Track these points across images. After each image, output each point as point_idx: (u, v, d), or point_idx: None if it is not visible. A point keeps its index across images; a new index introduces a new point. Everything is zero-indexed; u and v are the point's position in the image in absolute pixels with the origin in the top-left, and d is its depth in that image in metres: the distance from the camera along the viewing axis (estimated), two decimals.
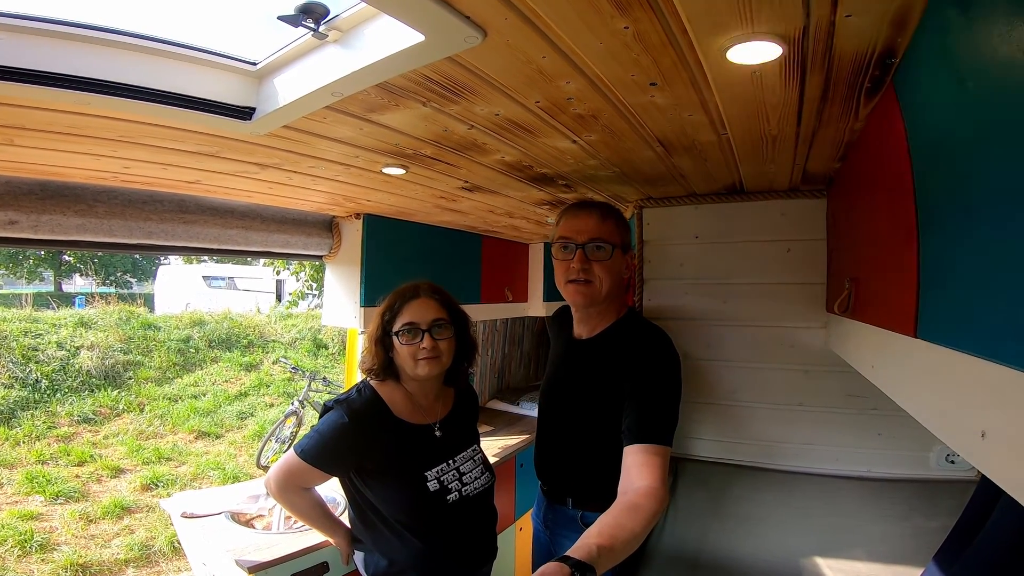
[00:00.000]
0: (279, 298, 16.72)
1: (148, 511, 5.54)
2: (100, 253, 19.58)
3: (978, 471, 1.66)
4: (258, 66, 1.18)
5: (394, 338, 1.54)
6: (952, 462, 1.70)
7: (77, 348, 8.64)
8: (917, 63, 0.82)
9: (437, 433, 1.61)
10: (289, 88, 1.13)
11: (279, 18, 0.96)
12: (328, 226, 2.48)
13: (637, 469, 1.35)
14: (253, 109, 1.20)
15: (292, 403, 6.60)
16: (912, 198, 0.84)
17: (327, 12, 0.97)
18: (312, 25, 0.97)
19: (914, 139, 0.86)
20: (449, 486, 1.54)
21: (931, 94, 0.79)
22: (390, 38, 0.90)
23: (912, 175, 0.85)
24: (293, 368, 7.52)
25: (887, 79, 0.95)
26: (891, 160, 0.97)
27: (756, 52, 0.85)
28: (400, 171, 1.65)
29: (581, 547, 1.06)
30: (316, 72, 1.05)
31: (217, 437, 7.86)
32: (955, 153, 0.71)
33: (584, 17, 0.79)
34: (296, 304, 9.11)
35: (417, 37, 0.85)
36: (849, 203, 1.48)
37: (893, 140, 0.94)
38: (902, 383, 0.94)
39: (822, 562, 1.64)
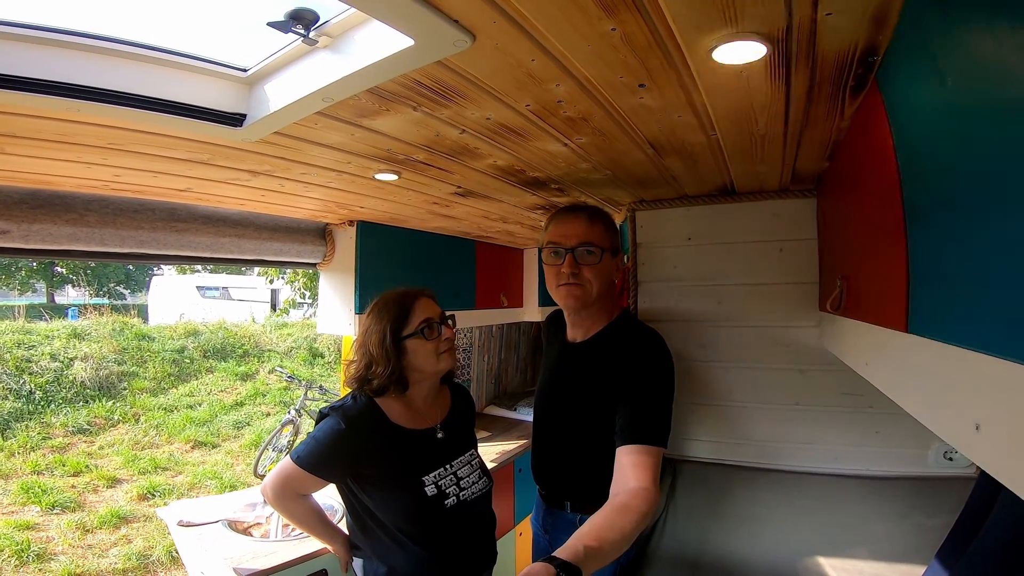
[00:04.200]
0: (274, 307, 16.67)
1: (145, 521, 5.49)
2: (92, 263, 19.55)
3: (977, 467, 1.67)
4: (248, 72, 1.18)
5: (409, 341, 1.53)
6: (950, 459, 1.70)
7: (71, 359, 8.59)
8: (899, 61, 0.83)
9: (440, 435, 1.61)
10: (280, 94, 1.13)
11: (269, 24, 0.96)
12: (321, 233, 2.47)
13: (629, 470, 1.35)
14: (244, 115, 1.20)
15: (289, 412, 6.60)
16: (899, 195, 0.85)
17: (317, 18, 0.97)
18: (302, 31, 0.97)
19: (899, 136, 0.87)
20: (447, 491, 1.54)
21: (913, 91, 0.79)
22: (380, 43, 0.91)
23: (898, 172, 0.86)
24: (289, 377, 7.51)
25: (870, 77, 0.96)
26: (877, 158, 0.98)
27: (741, 52, 0.86)
28: (392, 177, 1.66)
29: (568, 548, 1.07)
30: (307, 78, 1.06)
31: (213, 447, 7.81)
32: (939, 149, 0.71)
33: (571, 20, 0.80)
34: (288, 312, 9.08)
35: (406, 41, 0.85)
36: (838, 202, 1.49)
37: (879, 138, 0.95)
38: (896, 379, 0.94)
39: (824, 561, 1.64)
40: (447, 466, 1.58)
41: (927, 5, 0.68)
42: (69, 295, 24.05)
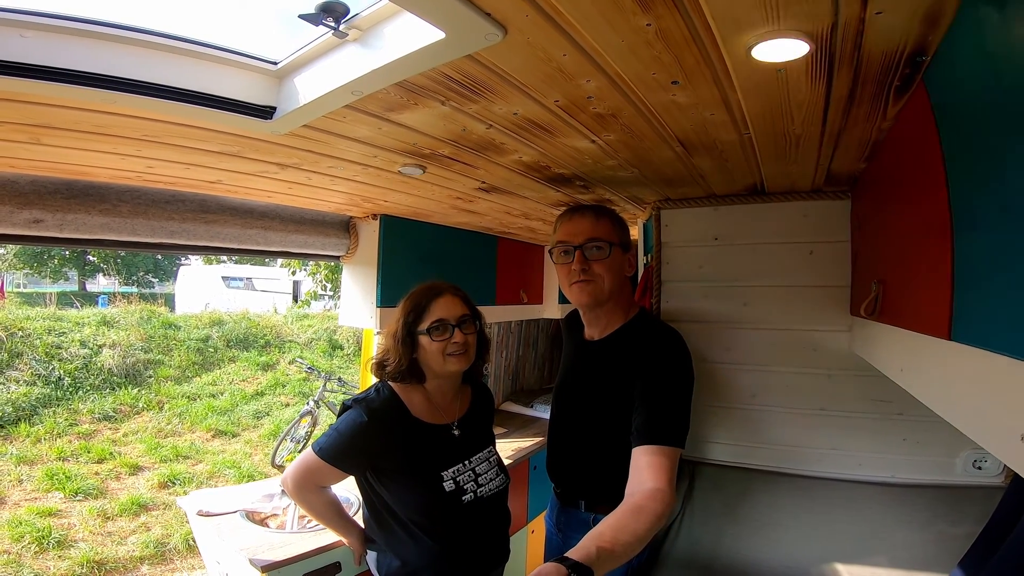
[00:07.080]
0: (296, 299, 16.92)
1: (165, 509, 5.58)
2: (123, 253, 20.04)
3: (1005, 477, 1.62)
4: (279, 65, 1.18)
5: (421, 337, 1.55)
6: (979, 468, 1.66)
7: (99, 346, 8.78)
8: (950, 61, 0.80)
9: (455, 432, 1.61)
10: (309, 87, 1.13)
11: (300, 16, 0.96)
12: (345, 227, 2.49)
13: (645, 470, 1.33)
14: (274, 108, 1.21)
15: (307, 403, 6.67)
16: (946, 198, 0.82)
17: (347, 11, 0.97)
18: (332, 24, 0.97)
19: (947, 138, 0.84)
20: (465, 487, 1.54)
21: (965, 92, 0.76)
22: (410, 36, 0.90)
23: (945, 174, 0.83)
24: (309, 368, 7.60)
25: (917, 77, 0.93)
26: (922, 159, 0.94)
27: (782, 50, 0.84)
28: (417, 171, 1.65)
29: (581, 548, 1.07)
30: (336, 71, 1.06)
31: (233, 436, 7.93)
32: (991, 151, 0.69)
33: (606, 14, 0.78)
34: (309, 304, 9.15)
35: (438, 35, 0.85)
36: (876, 204, 1.44)
37: (925, 139, 0.92)
38: (935, 387, 0.92)
39: (842, 568, 1.61)
40: (466, 462, 1.59)
41: (985, 5, 0.65)
42: (100, 283, 24.66)
